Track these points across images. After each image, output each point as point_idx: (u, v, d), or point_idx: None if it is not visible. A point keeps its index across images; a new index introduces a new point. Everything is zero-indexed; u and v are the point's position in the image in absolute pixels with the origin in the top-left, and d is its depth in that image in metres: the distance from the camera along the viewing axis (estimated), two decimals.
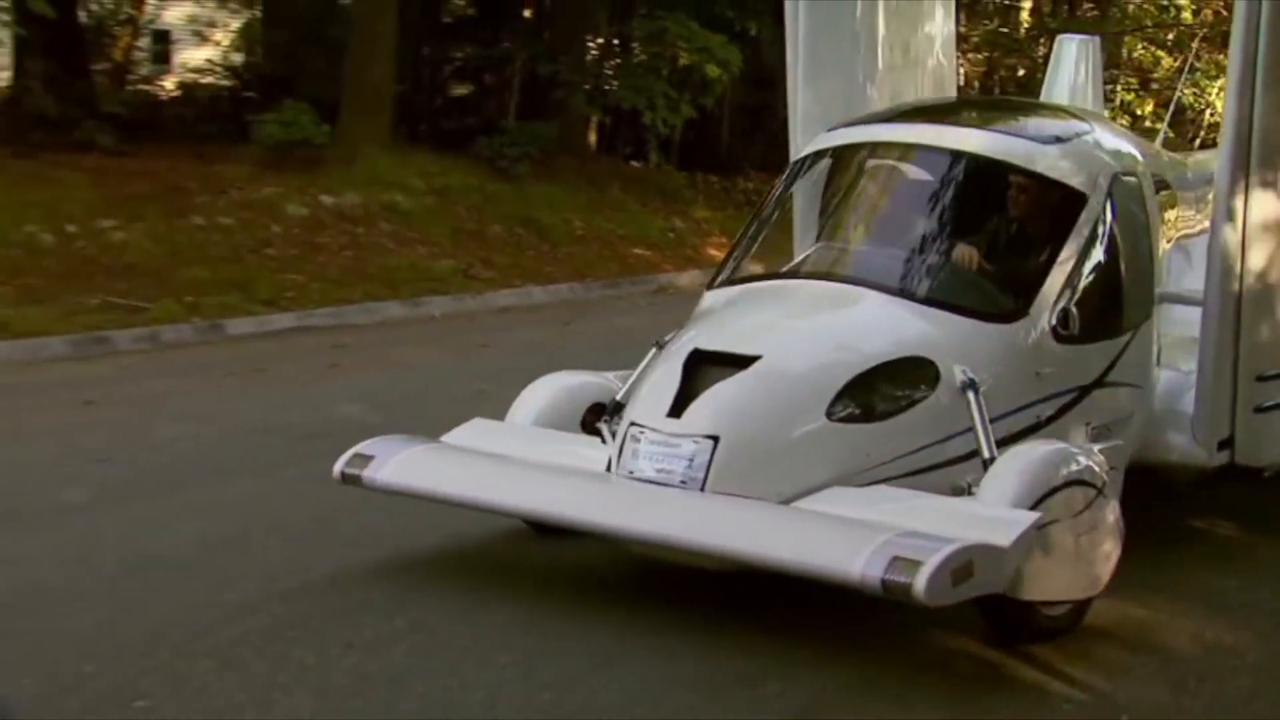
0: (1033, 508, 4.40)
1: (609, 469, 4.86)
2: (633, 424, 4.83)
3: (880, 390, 4.84)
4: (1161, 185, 6.36)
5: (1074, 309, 5.23)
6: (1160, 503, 6.00)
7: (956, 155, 5.72)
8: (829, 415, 4.70)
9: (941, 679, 4.42)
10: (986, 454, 4.74)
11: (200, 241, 12.52)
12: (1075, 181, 5.57)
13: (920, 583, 3.92)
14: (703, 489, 4.56)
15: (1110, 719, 4.26)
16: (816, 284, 5.46)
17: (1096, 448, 5.03)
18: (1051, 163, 5.62)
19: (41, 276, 11.10)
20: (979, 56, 26.82)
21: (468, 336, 11.18)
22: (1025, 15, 26.43)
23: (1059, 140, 5.81)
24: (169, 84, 19.91)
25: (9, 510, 5.86)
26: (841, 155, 6.07)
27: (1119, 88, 25.09)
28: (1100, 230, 5.51)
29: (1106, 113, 10.05)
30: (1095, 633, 4.90)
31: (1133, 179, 5.91)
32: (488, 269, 14.13)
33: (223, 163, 14.36)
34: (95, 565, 5.18)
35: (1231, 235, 5.53)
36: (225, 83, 19.18)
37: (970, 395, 4.83)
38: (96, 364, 9.51)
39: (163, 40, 23.30)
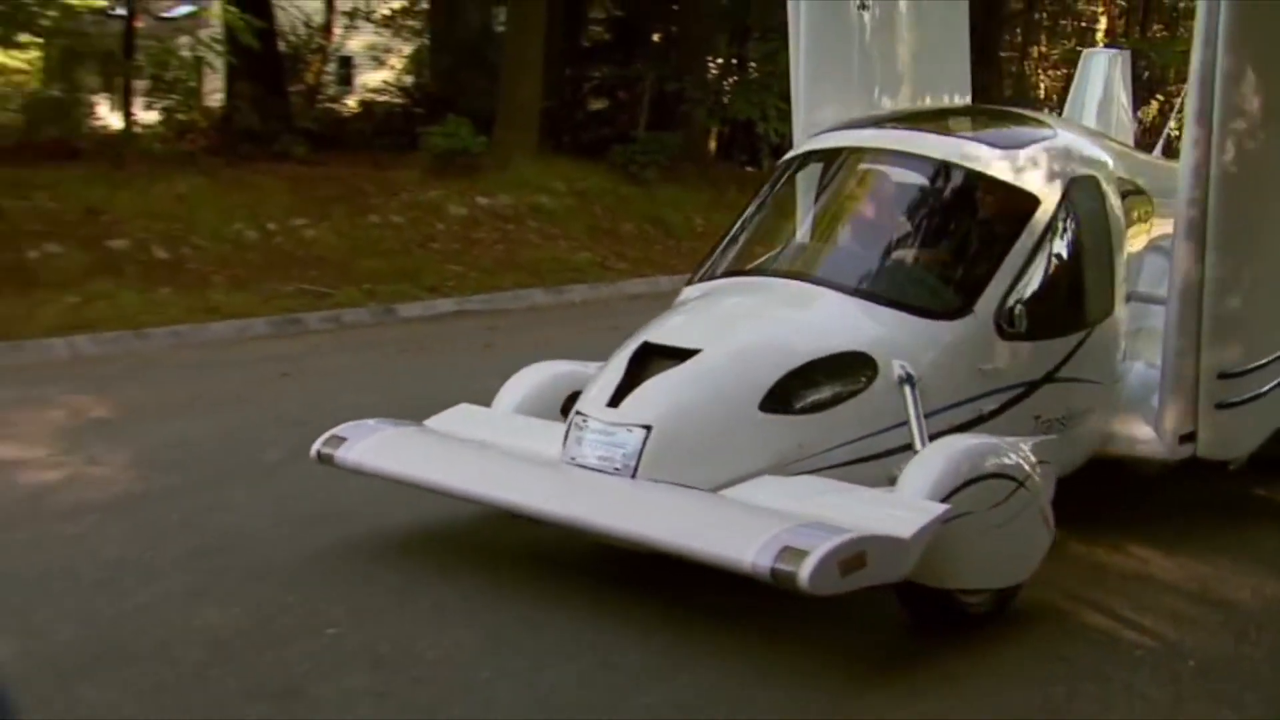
0: (947, 499, 4.00)
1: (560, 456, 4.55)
2: (578, 413, 4.56)
3: (815, 385, 4.47)
4: (1134, 190, 5.87)
5: (1020, 307, 4.81)
6: (1223, 475, 5.79)
7: (917, 160, 5.36)
8: (761, 408, 4.34)
9: (1020, 628, 4.33)
10: (918, 446, 4.37)
11: (376, 237, 12.72)
12: (1029, 185, 5.17)
13: (804, 572, 3.56)
14: (634, 476, 4.25)
15: (1177, 664, 4.15)
16: (777, 281, 5.13)
17: (1027, 442, 4.46)
18: (1007, 167, 5.23)
19: (246, 267, 11.38)
20: (1058, 73, 26.25)
21: (603, 320, 11.18)
22: (1100, 35, 25.82)
23: (1018, 146, 5.38)
24: (351, 102, 20.26)
25: (223, 467, 6.06)
26: (821, 158, 5.75)
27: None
28: (1054, 231, 5.09)
29: (1172, 123, 9.60)
30: (1164, 587, 4.79)
31: (1094, 183, 5.45)
32: (621, 261, 14.15)
33: (395, 170, 14.56)
34: (291, 513, 5.32)
35: (1193, 235, 5.05)
36: (398, 101, 19.43)
37: (906, 389, 4.48)
38: (292, 342, 9.72)
39: (346, 65, 23.78)
